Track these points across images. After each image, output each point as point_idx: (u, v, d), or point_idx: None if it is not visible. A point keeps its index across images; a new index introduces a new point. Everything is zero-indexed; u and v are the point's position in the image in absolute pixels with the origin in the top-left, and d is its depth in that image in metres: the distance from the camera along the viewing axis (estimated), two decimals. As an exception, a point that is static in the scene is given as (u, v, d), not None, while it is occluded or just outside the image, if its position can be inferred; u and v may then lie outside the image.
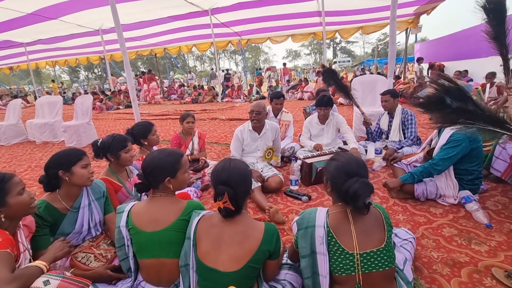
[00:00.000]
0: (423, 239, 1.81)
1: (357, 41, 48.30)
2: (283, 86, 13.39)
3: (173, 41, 12.18)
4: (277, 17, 8.96)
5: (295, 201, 2.48)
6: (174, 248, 1.25)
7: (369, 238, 1.12)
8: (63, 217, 1.55)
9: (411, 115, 3.21)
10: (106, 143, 1.93)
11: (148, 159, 1.30)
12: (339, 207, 1.20)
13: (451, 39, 9.88)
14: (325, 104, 3.12)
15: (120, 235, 1.31)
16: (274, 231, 1.18)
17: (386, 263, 1.10)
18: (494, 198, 2.23)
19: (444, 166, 2.12)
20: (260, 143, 2.83)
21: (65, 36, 9.42)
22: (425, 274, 1.51)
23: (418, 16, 9.38)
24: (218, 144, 4.64)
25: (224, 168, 1.17)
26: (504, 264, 1.54)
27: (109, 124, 7.48)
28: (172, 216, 1.26)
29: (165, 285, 1.29)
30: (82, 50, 12.37)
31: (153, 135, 2.42)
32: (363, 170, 1.19)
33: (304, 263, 1.17)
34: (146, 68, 18.42)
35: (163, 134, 5.74)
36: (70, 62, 14.67)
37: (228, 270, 1.10)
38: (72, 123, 5.16)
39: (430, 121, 1.40)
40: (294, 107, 8.43)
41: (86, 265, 1.47)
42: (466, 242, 1.75)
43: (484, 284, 1.42)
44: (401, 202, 2.30)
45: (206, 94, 11.94)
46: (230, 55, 49.11)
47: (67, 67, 27.93)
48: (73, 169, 1.49)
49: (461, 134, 2.03)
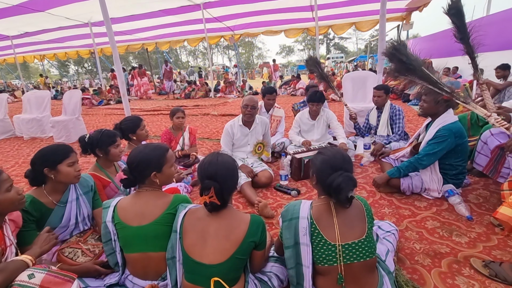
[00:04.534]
0: (407, 232, 1.86)
1: (350, 37, 48.50)
2: (275, 82, 13.38)
3: (165, 36, 12.01)
4: (270, 11, 8.92)
5: (285, 196, 2.51)
6: (160, 242, 1.25)
7: (350, 229, 1.15)
8: (49, 212, 1.54)
9: (399, 110, 3.27)
10: (95, 139, 1.91)
11: (133, 154, 1.30)
12: (323, 199, 1.23)
13: (442, 36, 10.00)
14: (317, 100, 3.14)
15: (106, 230, 1.31)
16: (260, 222, 1.20)
17: (367, 253, 1.13)
18: (476, 192, 2.31)
19: (429, 161, 2.17)
20: (250, 137, 2.84)
21: (53, 29, 9.19)
22: (407, 265, 1.56)
23: (410, 13, 9.46)
24: (209, 140, 4.64)
25: (211, 163, 1.18)
26: (482, 255, 1.60)
27: (99, 120, 7.37)
28: (158, 210, 1.27)
29: (152, 278, 1.30)
30: (71, 43, 12.10)
31: (142, 130, 2.40)
32: (347, 165, 1.21)
33: (288, 254, 1.20)
34: (137, 63, 18.17)
35: (155, 129, 5.70)
36: (59, 56, 14.35)
37: (213, 262, 1.12)
38: (61, 119, 5.07)
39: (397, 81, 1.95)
40: (286, 102, 8.45)
41: (73, 261, 1.47)
42: (447, 234, 1.81)
43: (462, 274, 1.47)
44: (387, 196, 2.35)
45: (198, 89, 11.85)
46: (224, 50, 48.70)
47: (56, 61, 27.30)
48: (59, 167, 1.47)
49: (447, 130, 2.08)
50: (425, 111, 2.26)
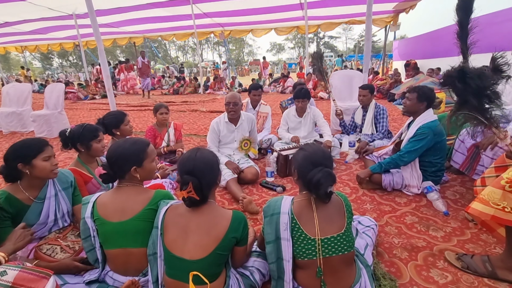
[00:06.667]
0: (386, 227, 1.92)
1: (340, 36, 49.00)
2: (265, 79, 13.38)
3: (154, 31, 11.78)
4: (260, 10, 8.88)
5: (270, 192, 2.53)
6: (141, 238, 1.24)
7: (330, 224, 1.18)
8: (26, 208, 1.49)
9: (383, 109, 3.34)
10: (76, 133, 1.87)
11: (112, 149, 1.28)
12: (303, 195, 1.25)
13: (427, 37, 10.26)
14: (302, 96, 3.19)
15: (86, 226, 1.29)
16: (241, 219, 1.21)
17: (346, 247, 1.16)
18: (453, 188, 2.40)
19: (410, 158, 2.24)
20: (236, 134, 2.84)
21: (35, 20, 8.84)
22: (386, 258, 1.62)
23: (397, 14, 9.66)
24: (197, 136, 4.60)
25: (190, 158, 1.17)
26: (456, 248, 1.67)
27: (84, 115, 7.17)
28: (139, 206, 1.26)
29: (132, 274, 1.29)
30: (54, 35, 11.68)
31: (126, 125, 2.36)
32: (328, 161, 1.24)
33: (269, 249, 1.21)
34: (125, 57, 17.74)
35: (141, 125, 5.61)
36: (41, 49, 13.81)
37: (194, 258, 1.12)
38: (42, 113, 4.90)
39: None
40: (276, 100, 8.46)
41: (52, 257, 1.44)
42: (424, 228, 1.88)
43: (437, 266, 1.53)
44: (370, 193, 2.41)
45: (187, 85, 11.71)
46: (214, 46, 48.21)
47: (39, 53, 26.27)
48: (34, 162, 1.43)
49: (426, 128, 2.16)
50: (408, 109, 2.33)
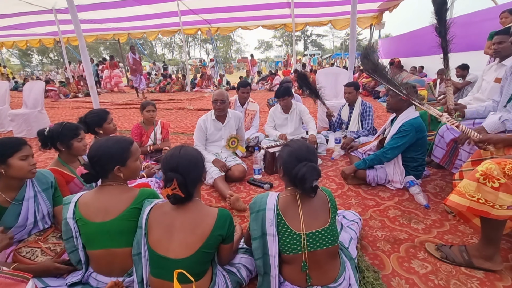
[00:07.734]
0: (370, 221, 1.97)
1: (327, 34, 49.50)
2: (253, 77, 13.37)
3: (139, 28, 11.50)
4: (247, 7, 8.84)
5: (258, 189, 2.54)
6: (125, 237, 1.22)
7: (314, 219, 1.20)
8: (3, 211, 1.44)
9: (369, 107, 3.41)
10: (55, 132, 1.80)
11: (94, 148, 1.24)
12: (289, 191, 1.27)
13: (410, 36, 10.53)
14: (281, 95, 3.24)
15: (68, 227, 1.25)
16: (227, 216, 1.21)
17: (330, 241, 1.19)
18: (434, 182, 2.49)
19: (393, 154, 2.30)
20: (224, 132, 2.83)
21: (12, 15, 8.44)
22: (370, 251, 1.66)
23: (382, 13, 9.83)
24: (184, 134, 4.55)
25: (174, 155, 1.16)
26: (436, 239, 1.74)
27: (66, 113, 6.95)
28: (123, 205, 1.23)
29: (117, 274, 1.27)
30: (33, 31, 11.19)
31: (109, 124, 2.30)
32: (312, 156, 1.26)
33: (256, 245, 1.22)
34: (109, 54, 17.25)
35: (126, 124, 5.49)
36: (18, 45, 13.21)
37: (179, 257, 1.11)
38: (21, 111, 4.71)
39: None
40: (263, 98, 8.47)
41: (32, 260, 1.39)
42: (406, 221, 1.94)
43: (418, 257, 1.59)
44: (355, 188, 2.47)
45: (174, 83, 11.53)
46: (201, 43, 47.63)
47: (17, 49, 25.16)
48: (10, 161, 1.37)
49: (409, 125, 2.22)
50: (391, 106, 2.39)
